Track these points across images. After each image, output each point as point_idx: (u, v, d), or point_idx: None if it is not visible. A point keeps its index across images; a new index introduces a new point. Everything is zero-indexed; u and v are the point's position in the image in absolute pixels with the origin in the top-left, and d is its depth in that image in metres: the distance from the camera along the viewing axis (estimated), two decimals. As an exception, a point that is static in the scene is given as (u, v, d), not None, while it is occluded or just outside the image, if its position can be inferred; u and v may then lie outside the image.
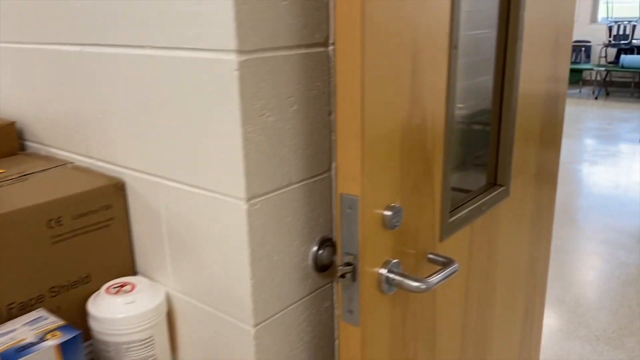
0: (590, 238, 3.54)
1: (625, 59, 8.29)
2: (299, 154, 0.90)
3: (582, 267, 3.16)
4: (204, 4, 0.78)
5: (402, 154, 0.87)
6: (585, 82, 9.76)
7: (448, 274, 0.90)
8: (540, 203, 1.48)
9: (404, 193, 0.89)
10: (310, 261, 0.96)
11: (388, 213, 0.86)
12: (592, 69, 8.60)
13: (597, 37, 9.54)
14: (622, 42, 8.82)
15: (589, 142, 6.01)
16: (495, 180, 1.25)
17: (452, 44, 0.93)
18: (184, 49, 0.83)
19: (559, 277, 3.05)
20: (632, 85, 9.31)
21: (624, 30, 8.80)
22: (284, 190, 0.88)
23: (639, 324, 2.58)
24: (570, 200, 4.24)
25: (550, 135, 1.45)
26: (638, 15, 9.03)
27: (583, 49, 9.43)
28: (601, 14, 9.66)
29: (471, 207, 1.12)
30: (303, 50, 0.87)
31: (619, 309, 2.71)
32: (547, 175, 1.49)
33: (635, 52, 8.95)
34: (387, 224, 0.86)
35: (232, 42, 0.76)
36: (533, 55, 1.25)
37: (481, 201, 1.16)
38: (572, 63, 9.31)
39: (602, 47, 9.17)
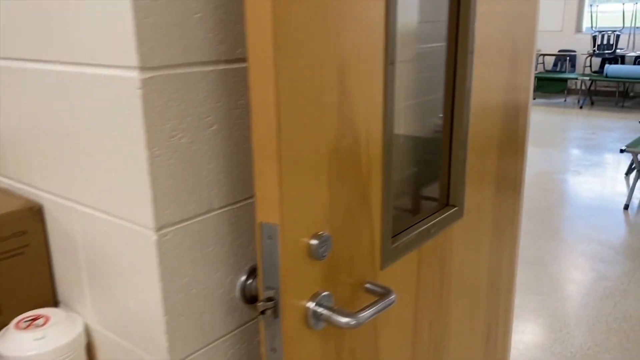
0: (570, 250, 3.49)
1: (609, 68, 8.32)
2: (221, 177, 0.83)
3: (560, 280, 3.10)
4: (105, 18, 0.72)
5: (331, 177, 0.81)
6: (571, 92, 9.78)
7: (383, 307, 0.83)
8: (502, 219, 1.42)
9: (334, 219, 0.83)
10: (237, 292, 0.89)
11: (314, 242, 0.79)
12: (576, 79, 8.62)
13: (582, 46, 9.58)
14: (607, 51, 8.85)
15: (573, 151, 5.99)
16: (448, 200, 1.19)
17: (388, 60, 0.87)
18: (89, 64, 0.77)
19: (537, 290, 2.99)
20: (617, 94, 9.33)
21: (608, 40, 8.84)
22: (203, 217, 0.82)
23: (615, 340, 2.53)
24: (552, 210, 4.20)
25: (512, 147, 1.39)
26: (622, 25, 9.08)
27: (568, 58, 9.46)
28: (586, 23, 9.71)
29: (419, 230, 1.06)
30: (222, 66, 0.80)
31: (596, 325, 2.66)
32: (510, 188, 1.43)
33: (620, 61, 8.98)
34: (314, 254, 0.79)
35: (133, 58, 0.70)
36: (488, 66, 1.19)
37: (430, 223, 1.09)
38: (557, 72, 9.34)
39: (587, 57, 9.20)
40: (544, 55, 9.69)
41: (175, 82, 0.74)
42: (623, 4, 9.09)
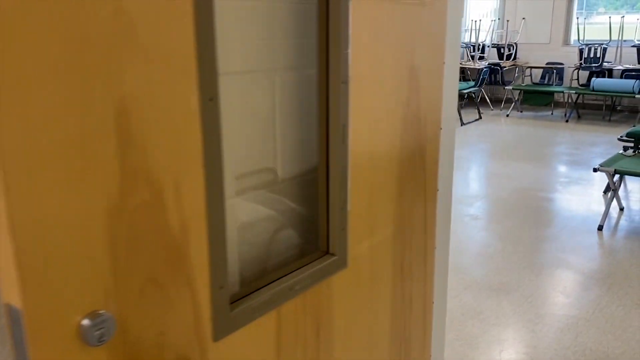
0: (537, 274, 3.34)
1: (596, 82, 8.20)
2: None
3: (522, 308, 2.95)
4: None
5: (115, 244, 0.66)
6: (558, 104, 9.67)
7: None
8: (408, 262, 1.27)
9: (123, 295, 0.68)
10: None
11: (87, 323, 0.64)
12: (562, 92, 8.51)
13: (570, 59, 9.48)
14: (594, 64, 8.75)
15: (554, 167, 5.86)
16: (328, 248, 1.04)
17: (206, 96, 0.73)
18: None
19: (495, 320, 2.84)
20: (604, 108, 9.22)
21: (595, 53, 8.74)
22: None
23: (573, 377, 2.37)
24: (524, 231, 4.05)
25: (417, 184, 1.25)
26: (609, 38, 8.98)
27: (555, 71, 9.35)
28: (574, 36, 9.61)
29: (279, 288, 0.91)
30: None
31: (554, 359, 2.50)
32: (418, 230, 1.28)
33: (607, 75, 8.87)
34: (88, 339, 0.64)
35: None
36: (374, 96, 1.05)
37: (297, 278, 0.94)
38: (543, 85, 9.22)
39: (574, 70, 9.10)
40: (531, 67, 9.59)
41: None
42: (609, 17, 9.00)
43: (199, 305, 0.76)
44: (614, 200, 4.31)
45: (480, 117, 8.84)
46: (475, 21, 9.73)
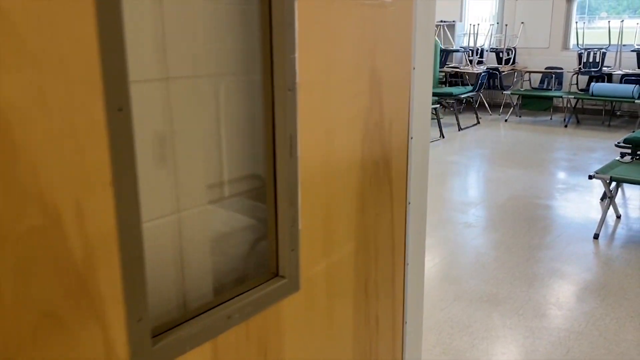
0: (530, 285, 3.25)
1: (595, 86, 8.11)
2: None
3: (513, 321, 2.86)
4: None
5: (-2, 274, 0.58)
6: (557, 109, 9.58)
7: None
8: (374, 282, 1.19)
9: (9, 333, 0.59)
10: None
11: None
12: (561, 97, 8.41)
13: (569, 64, 9.39)
14: (593, 69, 8.66)
15: (550, 174, 5.76)
16: (277, 270, 0.95)
17: (114, 105, 0.64)
18: None
19: (485, 334, 2.74)
20: (603, 113, 9.13)
21: (594, 57, 8.65)
22: None
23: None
24: (519, 239, 3.96)
25: (382, 194, 1.16)
26: (608, 43, 8.89)
27: (554, 75, 9.26)
28: (573, 40, 9.52)
29: (212, 318, 0.82)
30: None
31: (544, 376, 2.41)
32: (385, 247, 1.20)
33: (606, 79, 8.78)
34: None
35: None
36: (329, 104, 0.96)
37: (236, 305, 0.86)
38: (542, 90, 9.14)
39: (573, 74, 9.01)
40: (530, 72, 9.51)
41: None
42: (609, 21, 8.92)
43: (112, 342, 0.68)
44: (611, 207, 4.21)
45: (479, 122, 8.76)
46: (474, 25, 9.65)
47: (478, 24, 9.78)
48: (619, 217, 4.37)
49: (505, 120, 8.93)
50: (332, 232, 1.01)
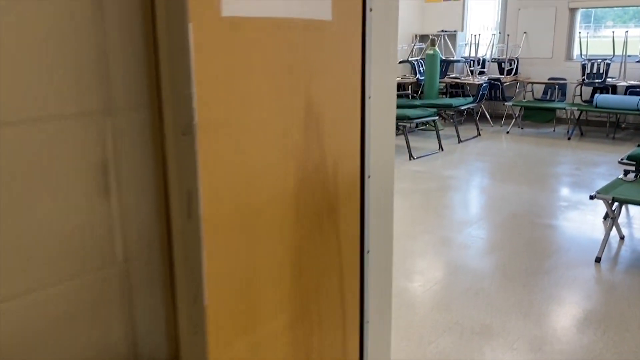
0: (526, 314, 3.04)
1: (599, 98, 7.90)
2: None
3: (504, 356, 2.65)
4: None
5: None
6: (560, 121, 9.37)
7: None
8: (316, 353, 0.99)
9: None
10: None
11: None
12: (564, 108, 8.19)
13: (573, 74, 9.19)
14: (597, 80, 8.45)
15: (552, 190, 5.55)
16: (178, 355, 0.76)
17: None
18: None
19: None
20: (608, 125, 8.91)
21: (598, 68, 8.44)
22: None
23: None
24: (517, 262, 3.75)
25: (327, 248, 0.97)
26: (612, 54, 8.68)
27: (557, 86, 9.06)
28: (577, 50, 9.32)
29: None
30: None
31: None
32: (327, 307, 1.00)
33: (610, 91, 8.57)
34: None
35: None
36: (248, 143, 0.77)
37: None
38: (545, 101, 8.93)
39: (577, 85, 8.81)
40: (532, 83, 9.31)
41: None
42: (613, 31, 8.72)
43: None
44: (614, 228, 4.00)
45: (479, 134, 8.56)
46: (475, 35, 9.47)
47: (479, 34, 9.60)
48: (622, 238, 4.16)
49: (507, 132, 8.73)
50: (255, 304, 0.82)
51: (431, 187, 5.56)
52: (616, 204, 3.75)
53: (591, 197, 3.63)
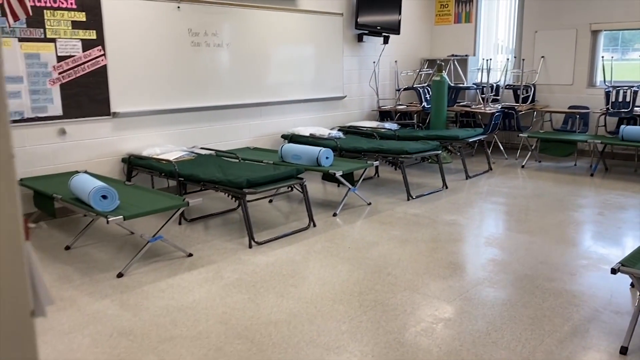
0: None
1: (625, 130, 7.02)
2: None
3: None
4: None
5: None
6: (583, 153, 8.49)
7: None
8: None
9: None
10: None
11: None
12: (586, 141, 7.32)
13: (596, 102, 8.33)
14: (623, 110, 7.58)
15: (569, 242, 4.69)
16: None
17: None
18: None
19: None
20: (636, 158, 7.99)
21: (624, 96, 7.58)
22: None
23: None
24: (516, 348, 2.93)
25: None
26: (640, 80, 7.80)
27: (578, 116, 8.20)
28: (600, 76, 8.47)
29: None
30: None
31: None
32: None
33: (638, 122, 7.68)
34: None
35: None
36: None
37: None
38: (565, 132, 8.07)
39: (600, 115, 7.94)
40: (551, 112, 8.48)
41: None
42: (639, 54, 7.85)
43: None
44: (645, 306, 3.13)
45: (491, 169, 7.73)
46: (487, 60, 8.70)
47: (490, 59, 8.83)
48: (655, 315, 3.28)
49: (522, 167, 7.89)
50: None
51: (426, 237, 4.76)
52: (647, 277, 2.91)
53: (613, 271, 2.81)
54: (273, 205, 5.95)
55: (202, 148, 6.42)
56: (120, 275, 3.93)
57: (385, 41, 8.78)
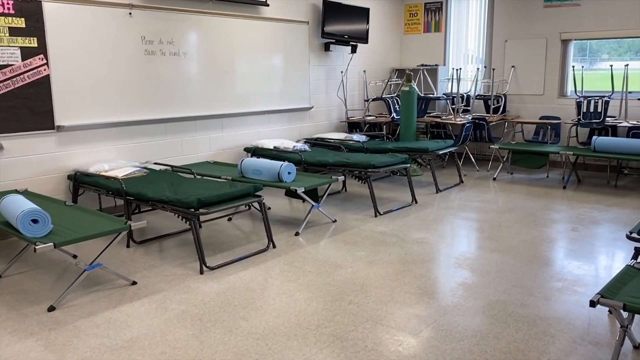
0: None
1: (597, 141, 6.86)
2: None
3: None
4: None
5: None
6: (555, 164, 8.34)
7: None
8: None
9: None
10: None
11: None
12: (558, 153, 7.14)
13: (567, 112, 8.20)
14: (594, 120, 7.43)
15: (541, 262, 4.44)
16: None
17: None
18: None
19: None
20: (608, 170, 7.85)
21: (595, 106, 7.43)
22: None
23: None
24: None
25: None
26: (611, 90, 7.69)
27: (550, 126, 8.04)
28: (571, 86, 8.34)
29: None
30: None
31: None
32: None
33: (610, 132, 7.54)
34: None
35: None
36: None
37: None
38: (536, 143, 7.90)
39: (572, 126, 7.79)
40: (522, 122, 8.30)
41: None
42: (611, 65, 7.74)
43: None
44: (626, 338, 2.87)
45: (462, 181, 7.50)
46: (457, 70, 8.51)
47: (460, 69, 8.64)
48: (637, 347, 3.03)
49: (494, 179, 7.67)
50: None
51: (392, 258, 4.46)
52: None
53: (592, 304, 2.53)
54: (232, 223, 5.59)
55: (156, 163, 6.03)
56: (51, 308, 3.52)
57: (353, 50, 8.52)
